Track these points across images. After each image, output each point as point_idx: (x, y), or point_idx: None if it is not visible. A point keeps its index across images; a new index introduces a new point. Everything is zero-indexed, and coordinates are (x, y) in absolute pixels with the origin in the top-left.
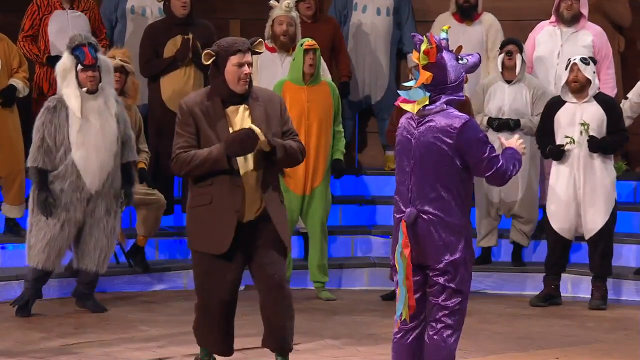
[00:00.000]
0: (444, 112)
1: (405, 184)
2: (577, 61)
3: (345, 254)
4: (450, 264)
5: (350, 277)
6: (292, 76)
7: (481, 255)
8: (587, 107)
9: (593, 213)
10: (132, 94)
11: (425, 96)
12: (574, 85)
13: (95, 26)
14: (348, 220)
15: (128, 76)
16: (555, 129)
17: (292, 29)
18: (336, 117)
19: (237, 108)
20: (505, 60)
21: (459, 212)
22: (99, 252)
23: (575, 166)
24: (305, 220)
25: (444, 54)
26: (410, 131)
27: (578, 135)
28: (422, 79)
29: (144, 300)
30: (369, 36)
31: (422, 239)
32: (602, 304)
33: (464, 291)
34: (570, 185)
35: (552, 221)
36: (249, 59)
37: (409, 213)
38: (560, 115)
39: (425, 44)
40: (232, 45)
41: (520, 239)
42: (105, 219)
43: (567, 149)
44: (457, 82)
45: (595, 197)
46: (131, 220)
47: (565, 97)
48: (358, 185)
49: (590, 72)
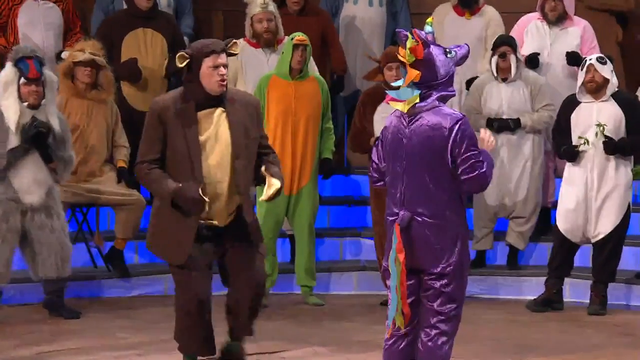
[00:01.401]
0: (435, 109)
1: (398, 185)
2: (594, 61)
3: (334, 257)
4: (446, 268)
5: (339, 281)
6: (279, 70)
7: (476, 258)
8: (605, 106)
9: (603, 217)
10: (106, 88)
11: (415, 95)
12: (590, 86)
13: (69, 19)
14: (337, 222)
15: (100, 70)
16: (572, 128)
17: (272, 24)
18: (325, 113)
19: (212, 112)
20: (500, 62)
21: (455, 214)
22: (54, 256)
23: (589, 168)
24: (291, 221)
25: (431, 49)
26: (401, 130)
27: (593, 136)
28: (410, 78)
29: (123, 306)
30: (362, 29)
31: (416, 242)
32: (601, 309)
33: (460, 296)
34: (582, 187)
35: (560, 222)
36: (223, 60)
37: (403, 216)
38: (576, 115)
39: (411, 40)
40: (206, 46)
41: (516, 242)
42: (49, 223)
43: (581, 150)
44: (448, 77)
45: (608, 201)
46: (109, 222)
47: (581, 98)
48: (347, 185)
49: (608, 71)
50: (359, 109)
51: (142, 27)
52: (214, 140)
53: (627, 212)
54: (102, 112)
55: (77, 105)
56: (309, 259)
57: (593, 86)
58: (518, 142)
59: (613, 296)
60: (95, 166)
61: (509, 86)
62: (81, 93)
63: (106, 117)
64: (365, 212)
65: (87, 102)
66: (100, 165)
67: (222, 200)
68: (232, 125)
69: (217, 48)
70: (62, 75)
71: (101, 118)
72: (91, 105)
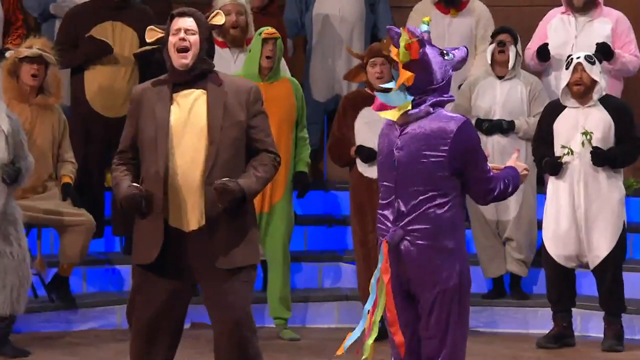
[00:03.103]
0: (432, 115)
1: (389, 200)
2: (582, 60)
3: (312, 285)
4: (441, 295)
5: (318, 312)
6: (247, 70)
7: (494, 288)
8: (592, 112)
9: (597, 238)
10: (54, 91)
11: (408, 100)
12: (577, 88)
13: (10, 12)
14: (315, 245)
15: (49, 68)
16: (555, 137)
17: (242, 19)
18: (300, 120)
19: (191, 93)
20: (497, 53)
21: (453, 232)
22: (9, 289)
23: (576, 181)
24: (263, 244)
25: (427, 50)
26: (392, 140)
27: (580, 145)
28: (402, 79)
29: (70, 342)
30: (337, 24)
31: (408, 263)
32: (617, 344)
33: (461, 327)
34: (569, 204)
35: (550, 247)
36: (187, 24)
37: (393, 234)
38: (559, 122)
39: (405, 37)
40: (172, 14)
41: (516, 268)
42: (7, 249)
43: (564, 161)
44: (444, 82)
45: (600, 219)
46: (53, 245)
47: (565, 101)
48: (326, 203)
49: (597, 72)
50: (338, 115)
51: (111, 20)
52: (186, 124)
53: (623, 232)
54: (48, 120)
55: (20, 110)
56: (283, 287)
57: (580, 89)
58: (508, 149)
59: (629, 329)
60: (37, 181)
61: (505, 84)
62: (25, 96)
63: (52, 126)
64: (347, 232)
65: (31, 108)
66: (42, 180)
67: (192, 197)
68: (211, 107)
69: (179, 11)
70: (6, 73)
71: (46, 127)
72: (36, 111)
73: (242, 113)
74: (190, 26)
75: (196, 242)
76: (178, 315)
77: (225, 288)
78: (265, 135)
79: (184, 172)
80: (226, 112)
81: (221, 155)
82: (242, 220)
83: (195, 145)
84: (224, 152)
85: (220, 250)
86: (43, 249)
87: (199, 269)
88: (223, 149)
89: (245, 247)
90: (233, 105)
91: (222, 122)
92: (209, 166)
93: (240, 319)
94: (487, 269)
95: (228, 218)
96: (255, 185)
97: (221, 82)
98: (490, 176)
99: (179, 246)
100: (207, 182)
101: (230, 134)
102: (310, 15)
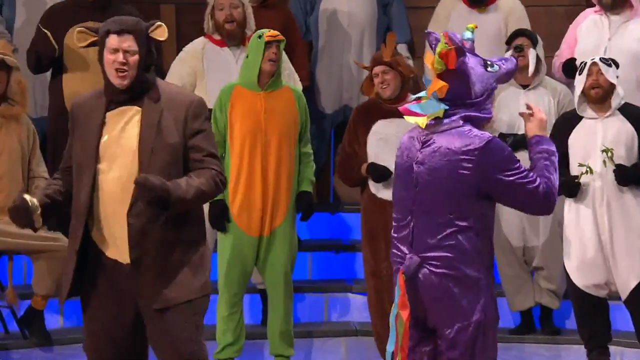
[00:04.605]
0: (458, 130)
1: (406, 222)
2: (597, 61)
3: (317, 318)
4: (463, 330)
5: (323, 348)
6: (245, 78)
7: (522, 323)
8: (611, 122)
9: (626, 265)
10: (19, 99)
11: (441, 109)
12: (595, 92)
13: None
14: (320, 273)
15: (11, 73)
16: (570, 153)
17: (238, 12)
18: (303, 133)
19: (126, 110)
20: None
21: (478, 260)
22: None
23: (598, 204)
24: (262, 271)
25: (467, 59)
26: (412, 153)
27: (600, 164)
28: (434, 88)
29: None
30: (346, 27)
31: (425, 294)
32: None
33: None
34: (593, 230)
35: (575, 278)
36: (126, 44)
37: (410, 262)
38: (575, 136)
39: (442, 44)
40: (106, 25)
41: (547, 300)
42: None
43: (582, 181)
44: (484, 96)
45: (628, 243)
46: (26, 274)
47: (582, 111)
48: (333, 226)
49: (613, 76)
50: (349, 130)
51: (91, 20)
52: (117, 146)
53: None
54: (15, 132)
55: None
56: (284, 320)
57: (599, 92)
58: None
59: None
60: (5, 201)
61: (530, 94)
62: None
63: (20, 138)
64: (356, 259)
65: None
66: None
67: (124, 227)
68: (143, 128)
69: (113, 27)
70: None
71: (13, 140)
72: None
73: (175, 133)
74: (129, 46)
75: (133, 275)
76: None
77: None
78: (206, 155)
79: (114, 201)
80: (159, 132)
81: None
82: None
83: (126, 171)
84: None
85: (149, 287)
86: (14, 278)
87: (142, 305)
88: (153, 174)
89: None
90: (167, 125)
91: (153, 143)
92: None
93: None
94: (513, 302)
95: (159, 248)
96: (185, 192)
97: (158, 97)
98: (530, 179)
99: (118, 279)
100: (130, 214)
101: (161, 158)
102: (315, 16)
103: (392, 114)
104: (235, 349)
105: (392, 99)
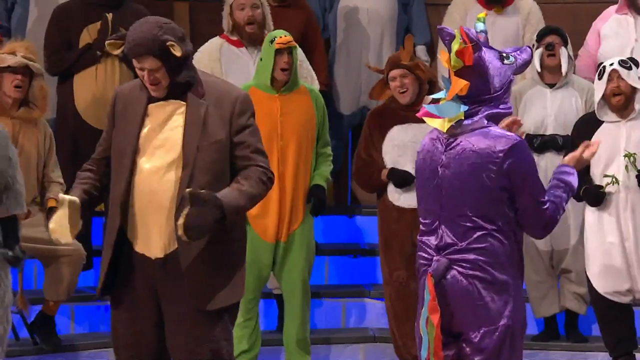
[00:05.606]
0: (483, 130)
1: (434, 227)
2: (616, 66)
3: (335, 324)
4: (489, 335)
5: (341, 355)
6: (259, 80)
7: (546, 329)
8: (635, 126)
9: None
10: (39, 104)
11: (461, 111)
12: (617, 100)
13: None
14: (338, 278)
15: (34, 79)
16: (591, 160)
17: (258, 13)
18: (321, 135)
19: (168, 105)
20: (545, 58)
21: (508, 263)
22: None
23: (622, 210)
24: (279, 277)
25: (483, 54)
26: (436, 156)
27: (623, 170)
28: (456, 89)
29: None
30: (366, 25)
31: (452, 297)
32: None
33: None
34: (617, 236)
35: (598, 285)
36: (149, 64)
37: (438, 264)
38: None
39: (458, 41)
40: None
41: (573, 305)
42: None
43: (607, 191)
44: (503, 90)
45: None
46: (37, 279)
47: (602, 116)
48: (351, 230)
49: (635, 78)
50: (364, 135)
51: (101, 19)
52: (158, 139)
53: None
54: (32, 135)
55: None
56: (301, 327)
57: (621, 100)
58: None
59: None
60: None
61: (557, 93)
62: (6, 109)
63: (37, 142)
64: (374, 264)
65: (13, 122)
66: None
67: (158, 221)
68: (188, 124)
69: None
70: None
71: (30, 144)
72: (18, 126)
73: (222, 130)
74: (150, 66)
75: (162, 272)
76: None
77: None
78: (252, 151)
79: (148, 193)
80: (204, 129)
81: (196, 180)
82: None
83: (165, 165)
84: (200, 176)
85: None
86: (25, 283)
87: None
88: (198, 173)
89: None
90: (213, 121)
91: (199, 141)
92: (179, 191)
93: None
94: (537, 309)
95: (204, 246)
96: (237, 200)
97: (203, 93)
98: (545, 207)
99: (146, 275)
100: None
101: (207, 156)
102: (334, 14)
103: (408, 119)
104: (251, 356)
105: (409, 105)
